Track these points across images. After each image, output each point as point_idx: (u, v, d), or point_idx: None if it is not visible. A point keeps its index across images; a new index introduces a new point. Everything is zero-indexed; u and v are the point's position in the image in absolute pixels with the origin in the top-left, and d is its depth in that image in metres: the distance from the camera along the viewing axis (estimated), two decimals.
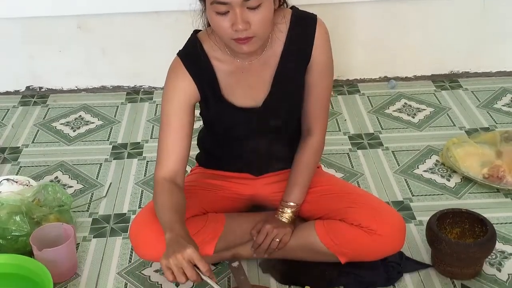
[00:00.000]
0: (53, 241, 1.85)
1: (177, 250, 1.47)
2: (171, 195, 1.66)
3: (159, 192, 1.68)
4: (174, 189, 1.68)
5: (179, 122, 1.70)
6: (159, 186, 1.70)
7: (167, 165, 1.71)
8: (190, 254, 1.47)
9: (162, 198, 1.66)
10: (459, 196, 2.23)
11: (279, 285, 1.84)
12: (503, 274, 1.86)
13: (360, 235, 1.74)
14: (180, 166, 1.72)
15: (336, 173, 2.37)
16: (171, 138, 1.70)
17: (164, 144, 1.72)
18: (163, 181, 1.69)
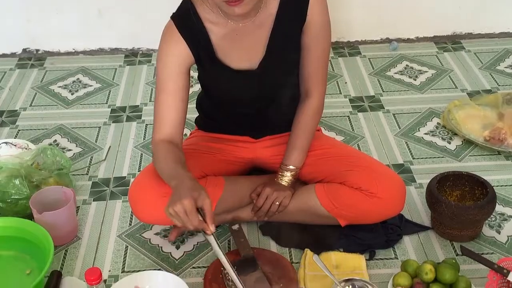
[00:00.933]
0: (53, 204, 1.85)
1: (182, 198, 1.44)
2: (171, 152, 1.66)
3: (159, 151, 1.68)
4: (173, 148, 1.68)
5: (174, 86, 1.68)
6: (157, 147, 1.70)
7: (164, 129, 1.70)
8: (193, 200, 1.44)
9: (162, 155, 1.66)
10: (460, 158, 2.22)
11: (279, 247, 1.85)
12: (502, 236, 1.86)
13: (360, 198, 1.74)
14: (177, 129, 1.71)
15: (337, 136, 2.36)
16: (167, 102, 1.69)
17: (160, 108, 1.71)
18: (162, 142, 1.69)
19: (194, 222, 1.43)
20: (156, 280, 1.67)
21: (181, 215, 1.43)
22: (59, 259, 1.81)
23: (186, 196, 1.43)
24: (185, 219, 1.43)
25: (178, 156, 1.66)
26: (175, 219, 1.45)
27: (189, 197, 1.43)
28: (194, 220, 1.43)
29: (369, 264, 1.77)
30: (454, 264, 1.65)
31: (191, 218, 1.43)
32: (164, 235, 1.89)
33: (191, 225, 1.44)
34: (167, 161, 1.63)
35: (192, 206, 1.42)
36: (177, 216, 1.44)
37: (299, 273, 1.72)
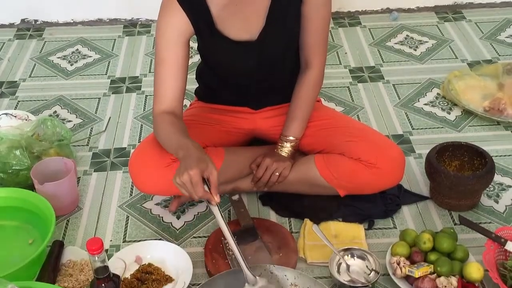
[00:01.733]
0: (54, 175, 1.86)
1: (188, 168, 1.44)
2: (173, 123, 1.66)
3: (160, 123, 1.68)
4: (174, 119, 1.68)
5: (173, 57, 1.67)
6: (158, 119, 1.69)
7: (164, 101, 1.70)
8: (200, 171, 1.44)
9: (164, 127, 1.66)
10: (459, 129, 2.22)
11: (278, 217, 1.86)
12: (500, 206, 1.88)
13: (359, 169, 1.74)
14: (177, 101, 1.71)
15: (336, 106, 2.36)
16: (167, 74, 1.68)
17: (160, 80, 1.70)
18: (162, 114, 1.69)
19: (199, 192, 1.44)
20: (157, 249, 1.69)
21: (188, 185, 1.44)
22: (61, 229, 1.83)
23: (193, 166, 1.44)
24: (191, 189, 1.44)
25: (181, 126, 1.66)
26: (182, 188, 1.46)
27: (196, 167, 1.43)
28: (200, 190, 1.44)
29: (368, 234, 1.79)
30: (452, 233, 1.67)
31: (196, 189, 1.44)
32: (164, 206, 1.91)
33: (197, 195, 1.45)
34: (171, 132, 1.63)
35: (198, 176, 1.43)
36: (184, 186, 1.45)
37: (299, 243, 1.74)
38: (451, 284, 1.53)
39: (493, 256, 1.58)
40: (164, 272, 1.64)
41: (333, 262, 1.63)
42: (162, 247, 1.70)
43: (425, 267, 1.56)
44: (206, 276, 1.66)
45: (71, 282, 1.60)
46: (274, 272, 1.45)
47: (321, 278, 1.65)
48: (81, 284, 1.60)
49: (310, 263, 1.69)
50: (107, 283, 1.34)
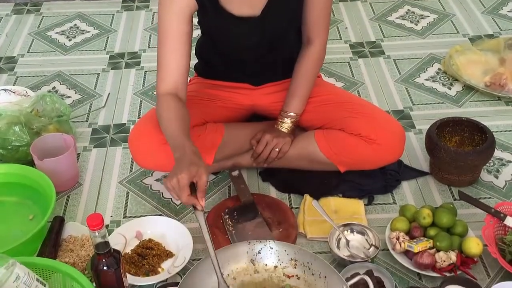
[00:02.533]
0: (54, 151, 1.85)
1: (178, 172, 1.41)
2: (176, 109, 1.62)
3: (164, 108, 1.64)
4: (178, 104, 1.64)
5: (177, 33, 1.65)
6: (163, 102, 1.65)
7: (168, 78, 1.66)
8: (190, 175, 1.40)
9: (167, 113, 1.62)
10: (460, 104, 2.22)
11: (278, 193, 1.86)
12: (500, 181, 1.88)
13: (359, 145, 1.74)
14: (182, 78, 1.68)
15: (337, 82, 2.35)
16: (170, 50, 1.65)
17: (163, 56, 1.67)
18: (166, 96, 1.65)
19: (183, 197, 1.40)
20: (157, 225, 1.70)
21: (176, 189, 1.41)
22: (61, 205, 1.84)
23: (183, 170, 1.40)
24: (178, 193, 1.41)
25: (183, 117, 1.61)
26: (171, 192, 1.43)
27: (186, 171, 1.40)
28: (184, 195, 1.40)
29: (367, 209, 1.79)
30: (451, 208, 1.67)
31: (181, 193, 1.40)
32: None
33: (181, 199, 1.42)
34: (172, 125, 1.58)
35: (186, 181, 1.39)
36: (172, 190, 1.42)
37: (299, 218, 1.75)
38: (450, 259, 1.54)
39: (492, 231, 1.59)
40: (165, 247, 1.65)
41: (333, 237, 1.64)
42: (163, 223, 1.71)
43: (425, 242, 1.57)
44: (206, 251, 1.67)
45: (72, 258, 1.61)
46: (274, 247, 1.46)
47: (321, 253, 1.66)
48: (82, 259, 1.61)
49: (310, 238, 1.69)
50: (108, 259, 1.35)
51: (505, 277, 1.57)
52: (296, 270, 1.45)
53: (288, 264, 1.45)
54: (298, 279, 1.44)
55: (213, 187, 1.89)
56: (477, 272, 1.59)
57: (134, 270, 1.58)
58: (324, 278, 1.40)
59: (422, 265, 1.54)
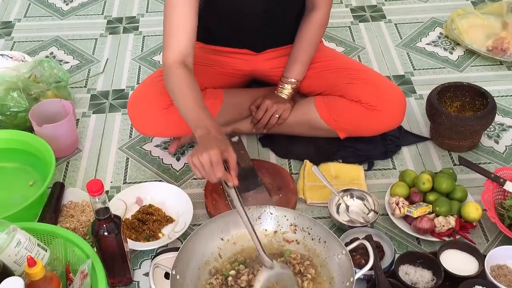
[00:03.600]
0: (53, 117, 1.85)
1: (208, 148, 1.35)
2: (188, 82, 1.56)
3: (175, 81, 1.57)
4: (189, 75, 1.58)
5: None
6: (173, 74, 1.58)
7: (177, 46, 1.59)
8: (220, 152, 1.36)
9: (179, 88, 1.55)
10: (461, 69, 2.20)
11: (278, 159, 1.86)
12: (501, 146, 1.88)
13: (360, 111, 1.73)
14: (190, 45, 1.61)
15: (337, 47, 2.33)
16: (179, 17, 1.59)
17: (171, 23, 1.60)
18: (175, 67, 1.58)
19: (220, 172, 1.35)
20: (157, 191, 1.70)
21: (207, 165, 1.36)
22: (61, 171, 1.84)
23: (213, 147, 1.35)
24: (209, 169, 1.35)
25: (195, 87, 1.55)
26: (199, 168, 1.38)
27: (217, 148, 1.35)
28: (220, 170, 1.35)
29: (367, 175, 1.79)
30: (451, 174, 1.67)
31: (217, 168, 1.35)
32: (164, 147, 1.91)
33: (215, 176, 1.36)
34: (187, 99, 1.52)
35: (219, 156, 1.35)
36: (202, 167, 1.37)
37: (298, 184, 1.75)
38: (449, 224, 1.55)
39: (491, 196, 1.59)
40: (165, 213, 1.66)
41: (333, 202, 1.65)
42: (163, 189, 1.71)
43: (424, 207, 1.57)
44: (206, 217, 1.68)
45: (73, 223, 1.62)
46: (273, 213, 1.46)
47: (321, 218, 1.67)
48: (83, 224, 1.62)
49: (310, 203, 1.70)
50: (108, 224, 1.35)
51: (503, 241, 1.58)
52: (296, 235, 1.45)
53: (287, 229, 1.46)
54: (298, 244, 1.44)
55: None
56: (476, 236, 1.59)
57: (135, 236, 1.59)
58: (324, 243, 1.41)
59: (421, 230, 1.55)
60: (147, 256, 1.58)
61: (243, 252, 1.43)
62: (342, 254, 1.35)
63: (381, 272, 1.40)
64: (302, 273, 1.38)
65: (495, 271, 1.45)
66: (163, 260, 1.43)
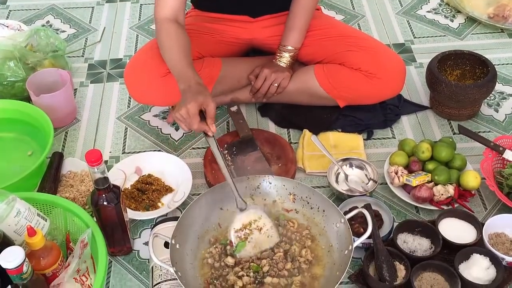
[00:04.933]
0: (50, 87, 1.83)
1: (186, 102, 1.42)
2: (177, 37, 1.61)
3: (164, 35, 1.63)
4: (179, 30, 1.63)
5: None
6: (163, 28, 1.63)
7: (167, 3, 1.63)
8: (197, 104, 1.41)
9: (168, 42, 1.61)
10: (462, 37, 2.18)
11: (277, 128, 1.86)
12: (500, 115, 1.87)
13: (359, 79, 1.72)
14: (181, 2, 1.64)
15: (337, 15, 2.30)
16: None
17: None
18: (166, 22, 1.63)
19: (195, 124, 1.42)
20: (156, 160, 1.70)
21: (185, 118, 1.42)
22: (60, 141, 1.83)
23: (190, 100, 1.42)
24: (188, 121, 1.43)
25: (184, 44, 1.60)
26: (180, 123, 1.45)
27: (193, 100, 1.41)
28: (195, 122, 1.41)
29: (366, 144, 1.79)
30: (450, 142, 1.67)
31: (192, 121, 1.42)
32: (163, 117, 1.90)
33: (193, 127, 1.43)
34: (174, 54, 1.57)
35: (195, 109, 1.41)
36: (182, 120, 1.43)
37: (298, 153, 1.75)
38: (447, 192, 1.55)
39: (490, 165, 1.59)
40: (164, 182, 1.66)
41: (332, 172, 1.65)
42: (162, 158, 1.71)
43: (423, 176, 1.57)
44: (205, 186, 1.68)
45: (72, 193, 1.62)
46: (273, 182, 1.46)
47: (320, 187, 1.67)
48: (82, 194, 1.62)
49: (309, 173, 1.70)
50: (108, 194, 1.35)
51: (501, 209, 1.58)
52: (295, 205, 1.46)
53: (287, 198, 1.47)
54: (297, 213, 1.45)
55: None
56: (474, 205, 1.60)
57: (134, 205, 1.59)
58: (323, 212, 1.41)
59: (420, 199, 1.55)
60: (147, 225, 1.58)
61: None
62: (341, 223, 1.36)
63: (380, 240, 1.41)
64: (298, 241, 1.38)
65: (493, 239, 1.46)
66: (163, 229, 1.43)
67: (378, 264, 1.38)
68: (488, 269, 1.38)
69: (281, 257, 1.35)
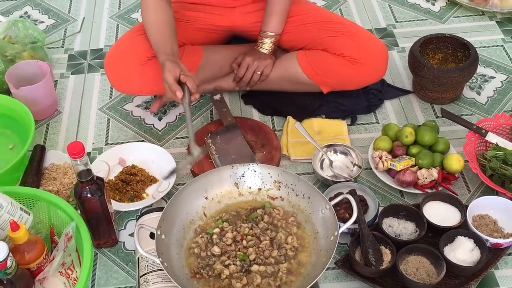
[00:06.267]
0: (30, 79, 1.81)
1: (164, 75, 1.52)
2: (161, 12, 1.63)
3: (149, 11, 1.65)
4: (163, 4, 1.64)
5: None
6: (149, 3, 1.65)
7: None
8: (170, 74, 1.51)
9: (151, 16, 1.64)
10: (443, 20, 2.18)
11: (261, 116, 1.85)
12: (482, 97, 1.88)
13: (342, 65, 1.72)
14: None
15: (318, 0, 2.29)
16: None
17: None
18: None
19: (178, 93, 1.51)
20: (140, 151, 1.69)
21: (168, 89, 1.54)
22: (41, 133, 1.81)
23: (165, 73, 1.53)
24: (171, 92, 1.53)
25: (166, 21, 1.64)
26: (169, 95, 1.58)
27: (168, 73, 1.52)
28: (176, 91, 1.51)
29: (350, 129, 1.79)
30: (433, 126, 1.68)
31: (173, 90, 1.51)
32: (145, 107, 1.88)
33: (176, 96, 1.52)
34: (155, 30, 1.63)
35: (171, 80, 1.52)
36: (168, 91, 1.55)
37: (282, 140, 1.74)
38: (431, 176, 1.56)
39: (473, 147, 1.60)
40: (148, 173, 1.65)
41: (316, 158, 1.65)
42: (145, 149, 1.70)
43: (407, 160, 1.58)
44: (190, 176, 1.67)
45: (56, 186, 1.61)
46: (257, 170, 1.46)
47: (305, 174, 1.67)
48: (66, 187, 1.61)
49: (294, 160, 1.70)
50: (91, 186, 1.34)
51: (485, 191, 1.60)
52: (280, 192, 1.46)
53: (272, 186, 1.46)
54: (282, 201, 1.45)
55: (195, 111, 1.87)
56: (458, 187, 1.61)
57: (119, 197, 1.58)
58: (308, 199, 1.41)
59: (404, 183, 1.56)
60: (132, 216, 1.58)
61: (227, 210, 1.44)
62: (326, 209, 1.36)
63: (365, 225, 1.41)
64: (284, 228, 1.39)
65: (477, 221, 1.47)
66: (148, 220, 1.42)
67: (364, 249, 1.39)
68: (472, 251, 1.39)
69: (267, 244, 1.35)
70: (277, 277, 1.29)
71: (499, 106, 1.85)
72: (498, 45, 2.07)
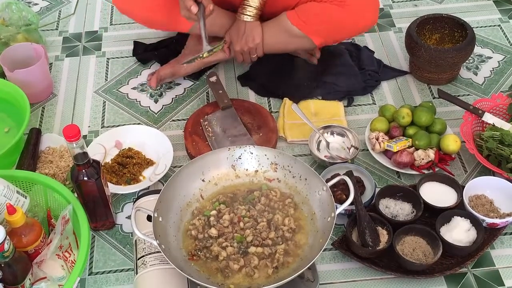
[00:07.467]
0: (24, 61, 1.79)
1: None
2: None
3: None
4: None
5: None
6: None
7: None
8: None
9: None
10: (440, 0, 2.17)
11: (258, 97, 1.84)
12: (479, 78, 1.88)
13: (330, 9, 1.67)
14: None
15: None
16: None
17: None
18: None
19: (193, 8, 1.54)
20: (136, 134, 1.69)
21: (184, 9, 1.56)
22: (37, 116, 1.80)
23: None
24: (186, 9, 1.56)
25: None
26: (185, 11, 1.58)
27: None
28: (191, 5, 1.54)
29: (347, 111, 1.79)
30: (430, 107, 1.67)
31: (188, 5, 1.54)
32: (141, 89, 1.88)
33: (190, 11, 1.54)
34: None
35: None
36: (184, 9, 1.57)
37: (278, 122, 1.74)
38: (428, 157, 1.56)
39: (470, 128, 1.60)
40: (145, 155, 1.64)
41: (313, 140, 1.64)
42: (142, 131, 1.69)
43: (404, 141, 1.58)
44: (187, 158, 1.67)
45: (52, 169, 1.60)
46: (254, 152, 1.46)
47: (301, 156, 1.67)
48: (62, 170, 1.60)
49: (290, 141, 1.70)
50: (88, 169, 1.34)
51: (481, 172, 1.60)
52: (277, 174, 1.46)
53: (268, 168, 1.46)
54: (279, 182, 1.45)
55: (191, 93, 1.86)
56: (455, 168, 1.61)
57: (116, 179, 1.58)
58: (305, 180, 1.41)
59: (401, 164, 1.56)
60: (129, 199, 1.58)
61: (224, 192, 1.44)
62: (323, 190, 1.36)
63: (362, 206, 1.41)
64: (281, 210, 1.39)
65: (473, 201, 1.48)
66: (145, 202, 1.43)
67: (360, 230, 1.39)
68: (469, 231, 1.40)
69: (265, 226, 1.35)
70: (274, 259, 1.30)
71: (496, 86, 1.85)
72: (495, 25, 2.06)
